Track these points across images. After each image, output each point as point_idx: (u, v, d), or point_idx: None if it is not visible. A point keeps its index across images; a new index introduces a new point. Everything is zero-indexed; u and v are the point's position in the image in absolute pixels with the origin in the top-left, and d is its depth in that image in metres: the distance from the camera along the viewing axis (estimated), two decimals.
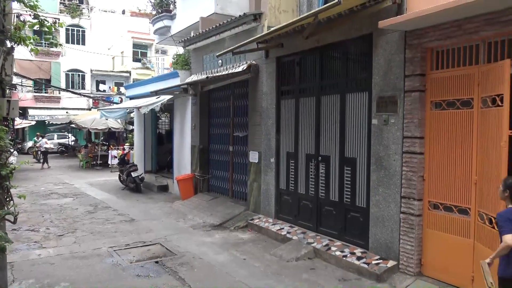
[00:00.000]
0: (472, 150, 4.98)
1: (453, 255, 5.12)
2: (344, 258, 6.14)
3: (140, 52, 35.39)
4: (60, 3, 33.70)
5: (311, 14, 5.74)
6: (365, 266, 5.80)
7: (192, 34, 11.42)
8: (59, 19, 31.71)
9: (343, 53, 6.85)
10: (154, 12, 16.77)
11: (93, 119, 20.57)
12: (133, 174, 12.96)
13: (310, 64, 7.56)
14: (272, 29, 7.00)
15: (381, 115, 5.94)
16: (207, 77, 9.21)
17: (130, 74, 34.26)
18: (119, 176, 14.23)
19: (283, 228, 7.70)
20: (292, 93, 7.98)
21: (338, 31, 6.62)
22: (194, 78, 10.91)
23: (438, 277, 5.30)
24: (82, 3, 35.13)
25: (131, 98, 15.75)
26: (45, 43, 31.13)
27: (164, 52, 34.86)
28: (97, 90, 34.40)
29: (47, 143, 21.40)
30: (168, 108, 13.54)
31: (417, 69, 5.47)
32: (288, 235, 7.35)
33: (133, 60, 34.49)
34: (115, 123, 20.90)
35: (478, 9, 4.61)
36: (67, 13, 33.36)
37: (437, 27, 5.19)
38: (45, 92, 32.71)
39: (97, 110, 22.27)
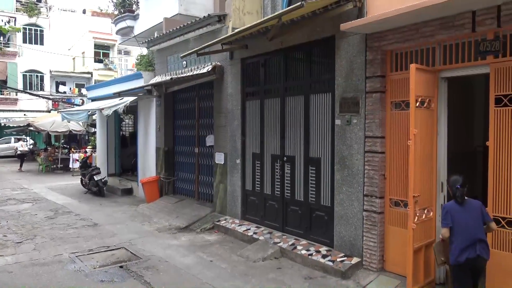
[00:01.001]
0: (431, 148, 5.17)
1: None
2: (309, 257, 6.24)
3: (102, 52, 34.55)
4: (17, 1, 32.39)
5: (275, 16, 5.80)
6: (330, 263, 5.91)
7: (155, 35, 11.28)
8: (15, 18, 30.53)
9: (306, 54, 6.96)
10: (116, 12, 16.43)
11: (52, 121, 19.86)
12: (96, 178, 12.64)
13: (275, 65, 7.64)
14: (236, 30, 7.02)
15: (344, 116, 6.07)
16: (172, 78, 9.13)
17: (91, 75, 33.35)
18: (81, 180, 13.84)
19: (249, 229, 7.73)
20: (257, 94, 8.03)
21: (301, 33, 6.72)
22: (158, 79, 10.77)
23: (399, 272, 5.47)
24: (40, 2, 33.90)
25: (93, 99, 15.37)
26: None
27: (127, 53, 34.21)
28: (57, 91, 33.27)
29: (22, 146, 20.76)
30: (131, 109, 13.28)
31: (377, 70, 5.64)
32: (254, 236, 7.39)
33: (95, 61, 33.61)
34: (76, 126, 20.28)
35: (433, 14, 4.81)
36: (24, 11, 32.10)
37: (396, 30, 5.37)
38: (1, 94, 31.34)
39: (57, 112, 21.56)
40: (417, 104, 4.84)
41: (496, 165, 4.54)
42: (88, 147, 20.81)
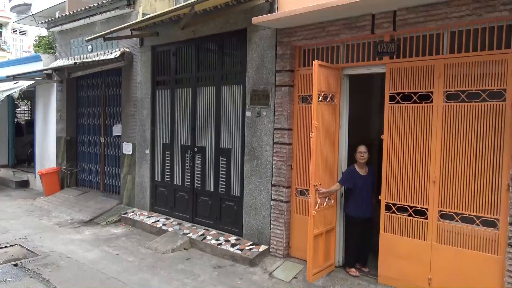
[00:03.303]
0: (333, 140, 5.52)
1: None
2: (219, 246, 6.32)
3: None
4: None
5: (187, 5, 5.72)
6: (239, 252, 6.05)
7: (57, 15, 10.47)
8: None
9: (219, 46, 6.98)
10: None
11: None
12: None
13: (187, 55, 7.54)
14: (147, 16, 6.80)
15: (254, 108, 6.22)
16: (75, 62, 8.57)
17: None
18: None
19: (158, 221, 7.59)
20: (168, 84, 7.87)
21: (214, 24, 6.72)
22: (59, 63, 10.03)
23: (303, 257, 5.77)
24: None
25: None
26: None
27: (23, 33, 31.17)
28: None
29: None
30: (28, 95, 12.22)
31: (286, 65, 5.85)
32: (163, 227, 7.28)
33: None
34: None
35: (337, 14, 5.10)
36: None
37: (304, 28, 5.62)
38: None
39: None
40: (320, 99, 5.12)
41: (389, 157, 5.00)
42: None
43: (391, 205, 4.97)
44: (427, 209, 4.68)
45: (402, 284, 4.84)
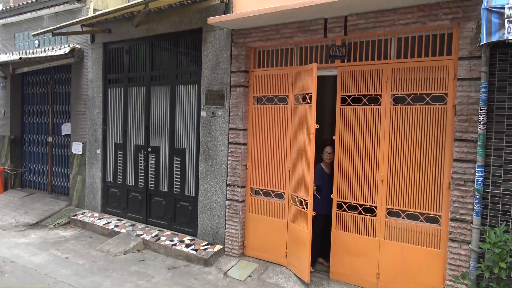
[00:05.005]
0: (286, 141, 5.64)
1: (271, 234, 5.74)
2: (173, 247, 6.27)
3: None
4: None
5: (141, 2, 5.63)
6: (194, 252, 6.03)
7: (0, 8, 9.93)
8: None
9: (174, 45, 6.91)
10: None
11: None
12: None
13: (140, 53, 7.41)
14: (98, 12, 6.62)
15: (209, 108, 6.22)
16: (21, 58, 8.17)
17: None
18: None
19: (110, 222, 7.41)
20: (121, 82, 7.69)
21: (169, 23, 6.65)
22: (3, 58, 9.50)
23: (258, 256, 5.87)
24: None
25: None
26: None
27: None
28: None
29: None
30: None
31: (241, 66, 5.90)
32: (116, 229, 7.11)
33: None
34: None
35: (291, 17, 5.22)
36: None
37: (259, 29, 5.69)
38: None
39: None
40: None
41: (340, 157, 5.17)
42: None
43: (342, 203, 5.14)
44: (375, 207, 4.89)
45: (352, 280, 5.04)
